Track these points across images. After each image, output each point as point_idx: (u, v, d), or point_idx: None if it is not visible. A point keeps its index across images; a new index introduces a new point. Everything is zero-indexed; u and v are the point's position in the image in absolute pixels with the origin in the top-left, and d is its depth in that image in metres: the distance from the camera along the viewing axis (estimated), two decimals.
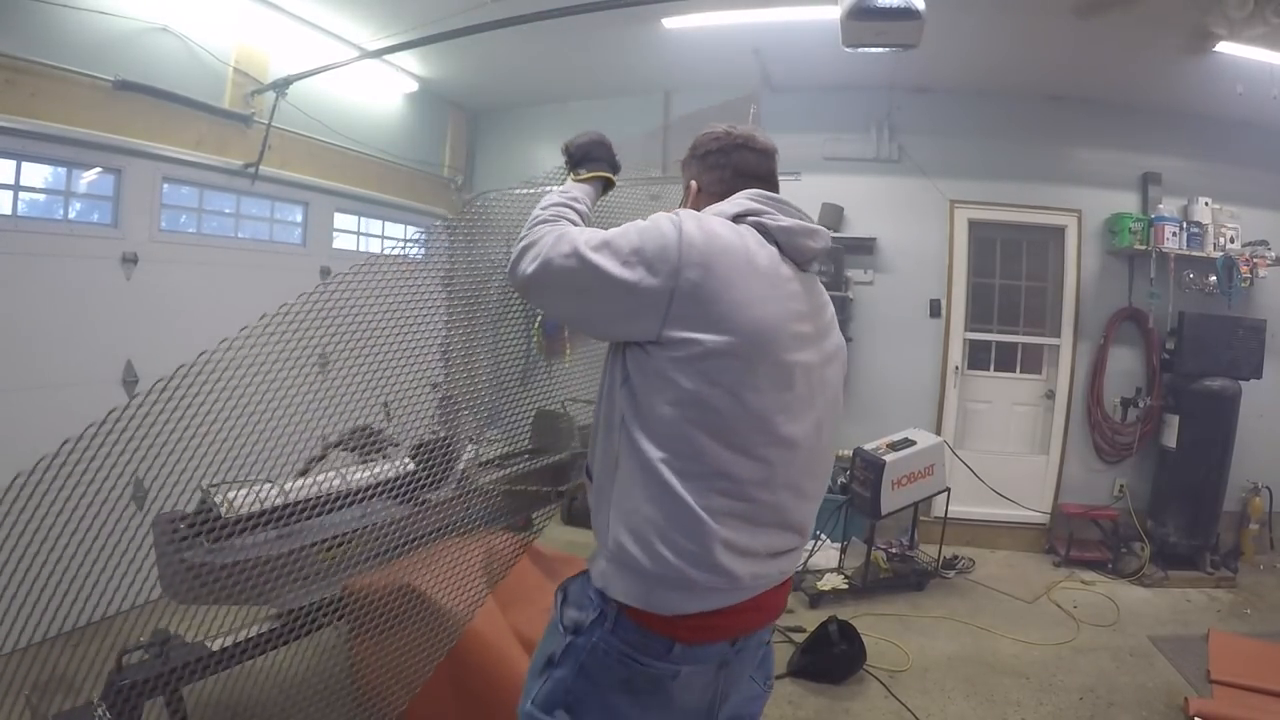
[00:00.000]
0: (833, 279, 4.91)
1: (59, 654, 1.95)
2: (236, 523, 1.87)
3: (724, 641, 1.24)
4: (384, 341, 1.78)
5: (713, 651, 1.24)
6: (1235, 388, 4.41)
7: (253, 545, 1.89)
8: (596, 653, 1.20)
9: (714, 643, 1.23)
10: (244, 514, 1.89)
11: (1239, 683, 2.99)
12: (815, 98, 5.17)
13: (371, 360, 1.78)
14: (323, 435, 2.07)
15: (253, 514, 1.89)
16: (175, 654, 2.15)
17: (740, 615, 1.23)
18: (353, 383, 1.80)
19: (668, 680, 1.21)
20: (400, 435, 3.09)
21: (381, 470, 2.87)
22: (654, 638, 1.19)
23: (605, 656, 1.20)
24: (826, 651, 3.04)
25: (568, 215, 1.31)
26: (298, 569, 1.92)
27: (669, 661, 1.20)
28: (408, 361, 1.86)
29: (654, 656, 1.19)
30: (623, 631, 1.20)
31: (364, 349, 1.76)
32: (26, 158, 3.09)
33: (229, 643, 2.27)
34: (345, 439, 2.96)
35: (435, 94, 5.61)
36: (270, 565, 1.82)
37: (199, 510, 1.96)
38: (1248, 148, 4.81)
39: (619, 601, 1.19)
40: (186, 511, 2.05)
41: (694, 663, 1.22)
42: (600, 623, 1.21)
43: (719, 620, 1.20)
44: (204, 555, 1.86)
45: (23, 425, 3.03)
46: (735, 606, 1.20)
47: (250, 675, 2.45)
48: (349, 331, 1.70)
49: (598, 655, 1.20)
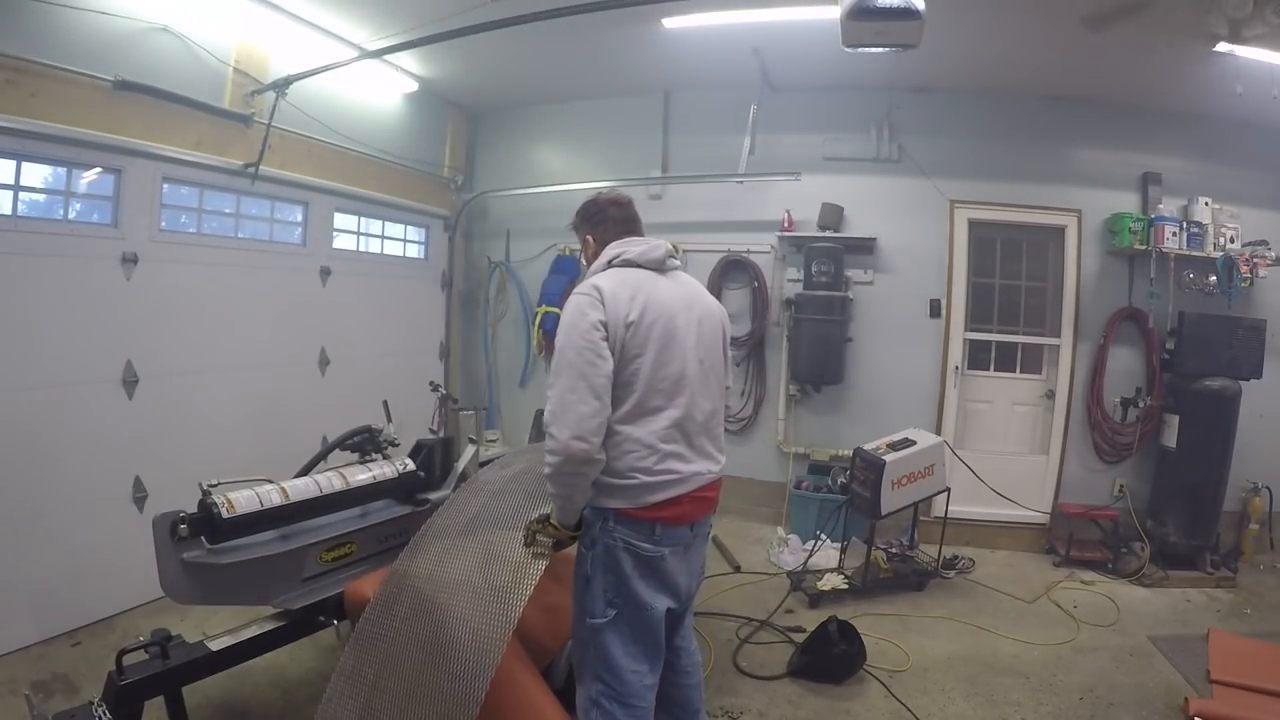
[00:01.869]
0: (832, 279, 4.92)
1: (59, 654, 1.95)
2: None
3: (685, 527, 1.94)
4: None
5: (680, 534, 1.94)
6: (1235, 388, 4.41)
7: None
8: (608, 551, 1.87)
9: (679, 526, 1.92)
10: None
11: (1239, 683, 2.99)
12: (815, 97, 5.17)
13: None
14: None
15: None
16: (175, 654, 2.15)
17: (688, 504, 1.92)
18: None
19: (659, 562, 1.90)
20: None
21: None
22: (642, 524, 1.87)
23: (613, 550, 1.87)
24: (826, 651, 3.04)
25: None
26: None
27: (654, 543, 1.88)
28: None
29: (643, 539, 1.87)
30: (620, 530, 1.87)
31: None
32: (26, 158, 3.08)
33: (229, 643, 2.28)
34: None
35: (435, 94, 5.62)
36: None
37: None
38: (1248, 148, 4.81)
39: (613, 508, 1.86)
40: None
41: (670, 544, 1.91)
42: (603, 525, 1.87)
43: (678, 506, 1.89)
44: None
45: (23, 425, 3.04)
46: (687, 496, 1.90)
47: (250, 675, 2.46)
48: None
49: (610, 552, 1.87)
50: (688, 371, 1.92)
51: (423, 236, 5.88)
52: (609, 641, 1.89)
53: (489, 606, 1.95)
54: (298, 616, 2.40)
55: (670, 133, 5.59)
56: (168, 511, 2.19)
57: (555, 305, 5.57)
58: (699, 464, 1.94)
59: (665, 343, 1.88)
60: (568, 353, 1.81)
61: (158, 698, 2.12)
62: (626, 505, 1.85)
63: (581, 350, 1.80)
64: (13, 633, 3.01)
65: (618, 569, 1.87)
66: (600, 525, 1.88)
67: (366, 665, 1.99)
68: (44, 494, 3.12)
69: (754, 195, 5.22)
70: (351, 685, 1.97)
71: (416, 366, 5.66)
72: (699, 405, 1.95)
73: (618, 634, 1.89)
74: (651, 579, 1.90)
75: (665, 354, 1.88)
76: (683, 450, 1.91)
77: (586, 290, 1.88)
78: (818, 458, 5.20)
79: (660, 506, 1.86)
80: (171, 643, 2.18)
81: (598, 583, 1.89)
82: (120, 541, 3.27)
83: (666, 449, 1.87)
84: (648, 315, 1.87)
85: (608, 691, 1.92)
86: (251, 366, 4.13)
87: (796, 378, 5.23)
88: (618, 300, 1.85)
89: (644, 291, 1.90)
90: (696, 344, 1.97)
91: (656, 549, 1.88)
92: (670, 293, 1.97)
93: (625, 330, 1.83)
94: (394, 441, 3.05)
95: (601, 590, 1.88)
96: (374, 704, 1.92)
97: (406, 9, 3.86)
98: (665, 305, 1.92)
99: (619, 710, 1.91)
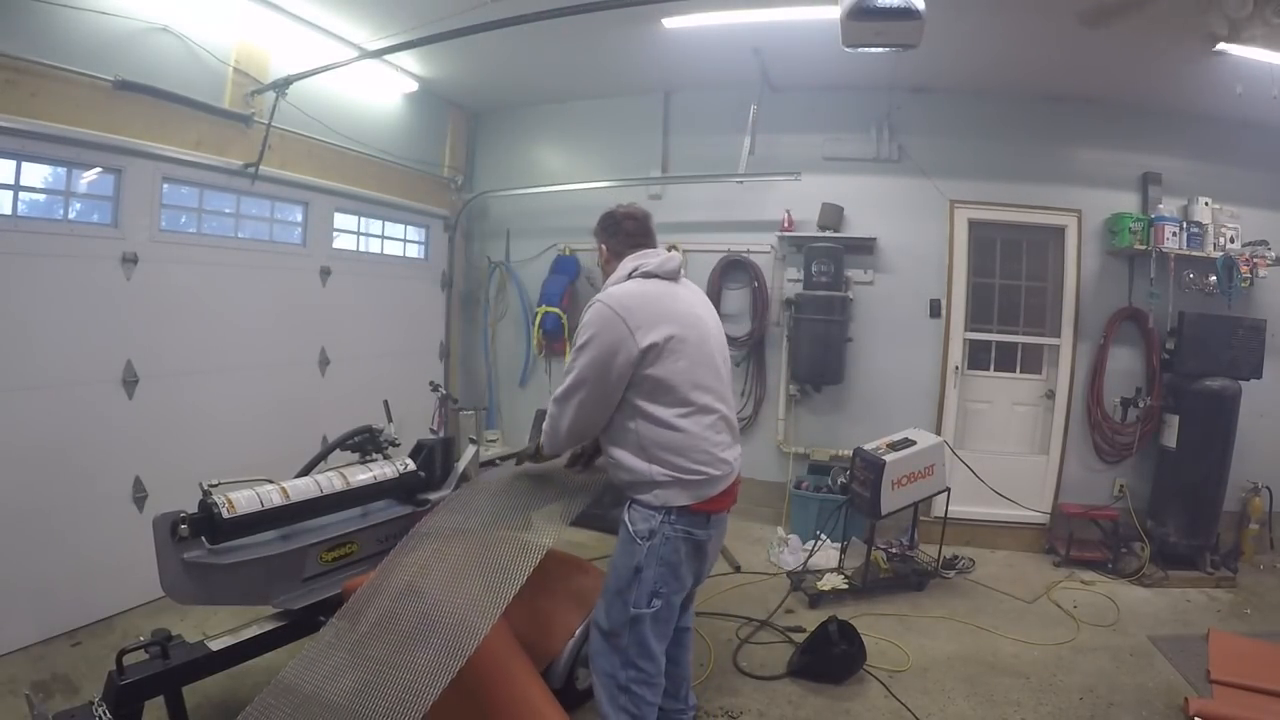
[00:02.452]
0: (832, 279, 4.92)
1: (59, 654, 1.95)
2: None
3: (724, 511, 2.15)
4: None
5: (722, 519, 2.17)
6: (1235, 388, 4.41)
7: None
8: (667, 541, 2.03)
9: (722, 512, 2.14)
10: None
11: (1239, 683, 2.99)
12: (815, 97, 5.17)
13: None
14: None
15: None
16: (175, 654, 2.15)
17: (731, 490, 2.14)
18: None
19: (705, 543, 2.12)
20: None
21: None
22: (700, 515, 2.06)
23: (671, 541, 2.03)
24: (826, 651, 3.04)
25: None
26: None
27: (707, 529, 2.10)
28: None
29: (699, 528, 2.07)
30: (680, 521, 2.03)
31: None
32: (26, 158, 3.08)
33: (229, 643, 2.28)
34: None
35: (435, 94, 5.61)
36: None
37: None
38: (1248, 148, 4.81)
39: (677, 505, 2.01)
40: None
41: (714, 528, 2.14)
42: (666, 521, 2.02)
43: (725, 496, 2.11)
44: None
45: (23, 425, 3.04)
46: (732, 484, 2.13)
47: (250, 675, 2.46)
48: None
49: (668, 543, 2.03)
50: (720, 370, 2.15)
51: (423, 236, 5.87)
52: (646, 630, 2.05)
53: (476, 591, 2.00)
54: (298, 616, 2.40)
55: (670, 133, 5.59)
56: (168, 512, 2.19)
57: (555, 305, 5.57)
58: (736, 451, 2.18)
59: (700, 344, 2.09)
60: (592, 367, 1.99)
61: (158, 698, 2.12)
62: (692, 501, 2.02)
63: (598, 366, 1.99)
64: (13, 633, 3.01)
65: (673, 559, 2.04)
66: (663, 519, 2.02)
67: (349, 634, 2.02)
68: (44, 494, 3.11)
69: (754, 195, 5.22)
70: (328, 652, 1.98)
71: (416, 366, 5.66)
72: (729, 400, 2.18)
73: (655, 621, 2.06)
74: (694, 561, 2.12)
75: (701, 353, 2.08)
76: (729, 440, 2.13)
77: (617, 306, 2.02)
78: (818, 458, 5.20)
79: (717, 499, 2.07)
80: (172, 643, 2.18)
81: (649, 574, 2.03)
82: (120, 541, 3.27)
83: (720, 439, 2.08)
84: (681, 322, 2.05)
85: (640, 677, 2.06)
86: (252, 366, 4.13)
87: (796, 378, 5.23)
88: (654, 320, 2.00)
89: (668, 299, 2.09)
90: (719, 345, 2.21)
91: (706, 533, 2.10)
92: (692, 299, 2.20)
93: (661, 339, 1.99)
94: (394, 441, 3.05)
95: (652, 581, 2.03)
96: (356, 657, 1.95)
97: (406, 9, 3.86)
98: (693, 311, 2.14)
99: (647, 693, 2.08)
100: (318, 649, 1.99)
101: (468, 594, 2.01)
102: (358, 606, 2.08)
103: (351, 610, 2.08)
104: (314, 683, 1.88)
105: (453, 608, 1.97)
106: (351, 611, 2.07)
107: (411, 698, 1.73)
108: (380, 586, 2.12)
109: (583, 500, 2.36)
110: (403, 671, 1.82)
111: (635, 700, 2.06)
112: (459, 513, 2.47)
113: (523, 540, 2.19)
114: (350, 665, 1.93)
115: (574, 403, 2.04)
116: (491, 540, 2.22)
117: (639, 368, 1.98)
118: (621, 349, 1.96)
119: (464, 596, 2.00)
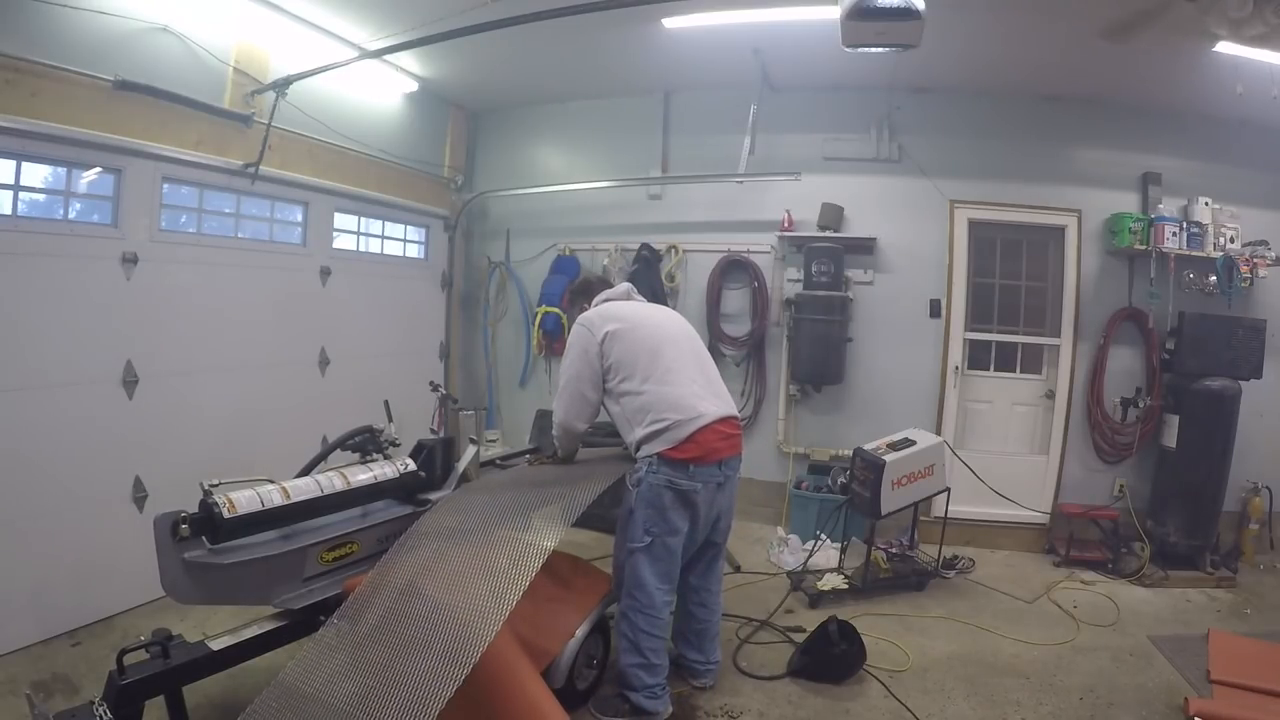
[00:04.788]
0: (832, 279, 4.92)
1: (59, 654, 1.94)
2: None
3: (714, 464, 2.60)
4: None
5: (711, 472, 2.60)
6: (1235, 388, 4.41)
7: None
8: (651, 487, 2.55)
9: (709, 464, 2.58)
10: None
11: (1239, 683, 2.99)
12: (815, 97, 5.17)
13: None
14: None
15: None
16: (175, 654, 2.15)
17: (714, 440, 2.59)
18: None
19: (693, 495, 2.56)
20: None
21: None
22: (680, 464, 2.53)
23: (655, 488, 2.55)
24: (826, 651, 3.04)
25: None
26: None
27: (689, 479, 2.54)
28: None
29: (681, 477, 2.53)
30: (662, 469, 2.54)
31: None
32: (26, 158, 3.08)
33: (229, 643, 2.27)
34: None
35: (435, 94, 5.61)
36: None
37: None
38: (1248, 148, 4.81)
39: (657, 453, 2.54)
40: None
41: (702, 480, 2.57)
42: (649, 469, 2.56)
43: (705, 442, 2.55)
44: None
45: (23, 425, 3.04)
46: (708, 430, 2.57)
47: (250, 675, 2.46)
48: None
49: (653, 489, 2.55)
50: (681, 345, 2.79)
51: (423, 236, 5.87)
52: (640, 563, 2.58)
53: (480, 595, 1.98)
54: (298, 616, 2.40)
55: (670, 133, 5.59)
56: (168, 511, 2.19)
57: (555, 305, 5.57)
58: (715, 404, 2.66)
59: (654, 330, 2.75)
60: (573, 366, 2.72)
61: (158, 697, 2.11)
62: (665, 448, 2.53)
63: (577, 364, 2.72)
64: (13, 633, 3.01)
65: (658, 503, 2.55)
66: (647, 468, 2.56)
67: (348, 637, 2.01)
68: (44, 494, 3.11)
69: (754, 195, 5.22)
70: (328, 655, 1.97)
71: (416, 366, 5.66)
72: (705, 370, 2.79)
73: (648, 557, 2.58)
74: (682, 508, 2.58)
75: (659, 335, 2.74)
76: (704, 394, 2.66)
77: (584, 322, 2.78)
78: (818, 458, 5.20)
79: (692, 443, 2.53)
80: (172, 642, 2.18)
81: (639, 514, 2.57)
82: (120, 541, 3.27)
83: (693, 390, 2.63)
84: (634, 319, 2.76)
85: (634, 604, 2.60)
86: (252, 366, 4.13)
87: (796, 378, 5.23)
88: (605, 321, 2.73)
89: (616, 309, 2.82)
90: (677, 331, 2.85)
91: (691, 484, 2.55)
92: (638, 307, 2.92)
93: (621, 331, 2.69)
94: (395, 441, 3.05)
95: (642, 520, 2.57)
96: (358, 660, 1.93)
97: (406, 9, 3.86)
98: (639, 311, 2.86)
99: (640, 619, 2.59)
100: (319, 650, 1.99)
101: (470, 597, 2.00)
102: (358, 605, 2.08)
103: (352, 609, 2.08)
104: (315, 685, 1.88)
105: (455, 611, 1.96)
106: (352, 611, 2.07)
107: (416, 708, 1.71)
108: (380, 584, 2.12)
109: (591, 490, 2.45)
110: (406, 678, 1.80)
111: (632, 626, 2.59)
112: (459, 512, 2.48)
113: (525, 542, 2.19)
114: (352, 669, 1.92)
115: (568, 393, 2.71)
116: (493, 542, 2.22)
117: (603, 358, 2.66)
118: (590, 344, 2.70)
119: (466, 599, 1.99)
